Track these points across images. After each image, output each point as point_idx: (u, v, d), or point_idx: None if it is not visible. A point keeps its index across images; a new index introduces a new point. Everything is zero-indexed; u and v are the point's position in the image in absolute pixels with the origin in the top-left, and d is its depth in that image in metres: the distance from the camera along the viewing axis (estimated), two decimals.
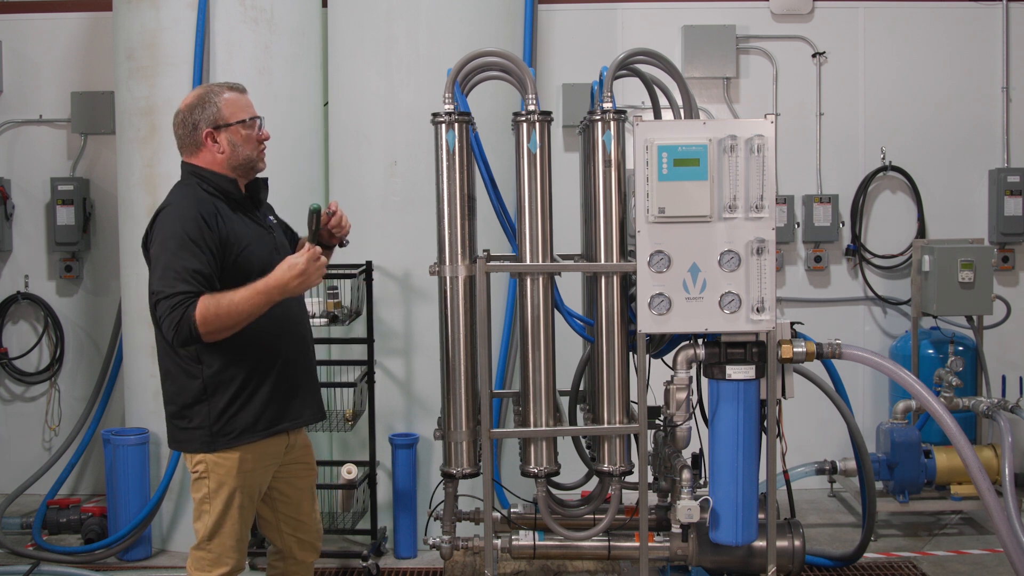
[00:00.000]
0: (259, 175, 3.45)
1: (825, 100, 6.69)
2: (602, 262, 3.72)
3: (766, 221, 3.56)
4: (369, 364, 5.27)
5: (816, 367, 4.13)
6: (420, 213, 5.13)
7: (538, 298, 3.74)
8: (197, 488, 3.29)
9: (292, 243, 3.61)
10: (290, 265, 3.12)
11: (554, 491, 4.06)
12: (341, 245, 3.55)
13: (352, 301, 5.28)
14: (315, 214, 3.31)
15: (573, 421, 4.20)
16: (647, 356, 3.76)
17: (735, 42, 6.57)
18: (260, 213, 3.43)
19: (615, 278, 3.72)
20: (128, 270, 5.61)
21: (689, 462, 3.80)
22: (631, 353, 3.77)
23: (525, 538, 3.96)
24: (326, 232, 3.46)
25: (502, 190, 3.89)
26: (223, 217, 3.22)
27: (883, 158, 6.66)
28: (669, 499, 3.96)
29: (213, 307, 3.04)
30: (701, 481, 3.83)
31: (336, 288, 5.21)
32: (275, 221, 3.54)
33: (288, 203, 4.22)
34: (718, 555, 3.84)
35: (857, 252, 6.69)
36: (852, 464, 5.61)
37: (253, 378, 3.26)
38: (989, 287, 6.00)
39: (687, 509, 3.62)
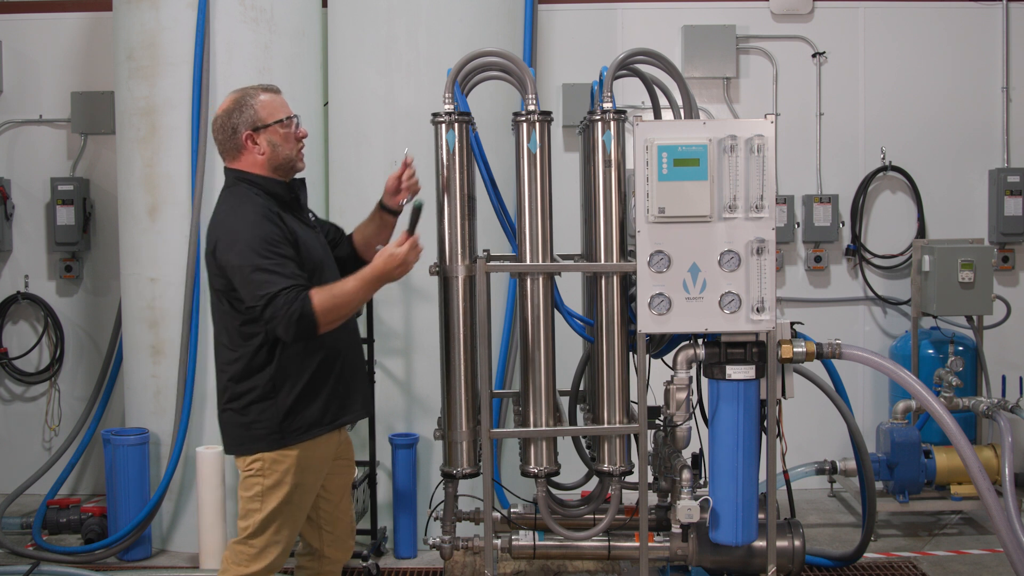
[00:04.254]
0: (297, 176, 3.51)
1: (825, 100, 6.69)
2: (602, 262, 3.72)
3: (766, 221, 3.56)
4: (369, 364, 5.26)
5: (816, 367, 4.13)
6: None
7: (538, 298, 3.74)
8: (248, 486, 3.29)
9: (332, 240, 3.67)
10: (391, 255, 3.24)
11: (554, 491, 4.06)
12: (395, 213, 3.66)
13: None
14: (419, 210, 3.35)
15: (573, 421, 4.21)
16: (647, 356, 3.76)
17: (735, 42, 6.57)
18: (304, 213, 3.50)
19: (615, 278, 3.72)
20: (128, 270, 5.61)
21: (689, 462, 3.80)
22: (631, 353, 3.77)
23: (525, 538, 3.96)
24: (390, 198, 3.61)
25: (502, 190, 3.89)
26: (281, 218, 3.29)
27: (883, 158, 6.66)
28: (669, 499, 3.96)
29: (329, 299, 3.14)
30: (701, 481, 3.83)
31: None
32: (315, 219, 3.60)
33: None
34: (718, 555, 3.84)
35: (857, 252, 6.69)
36: (852, 464, 5.61)
37: (320, 372, 3.31)
38: (989, 287, 6.00)
39: (687, 509, 3.62)
